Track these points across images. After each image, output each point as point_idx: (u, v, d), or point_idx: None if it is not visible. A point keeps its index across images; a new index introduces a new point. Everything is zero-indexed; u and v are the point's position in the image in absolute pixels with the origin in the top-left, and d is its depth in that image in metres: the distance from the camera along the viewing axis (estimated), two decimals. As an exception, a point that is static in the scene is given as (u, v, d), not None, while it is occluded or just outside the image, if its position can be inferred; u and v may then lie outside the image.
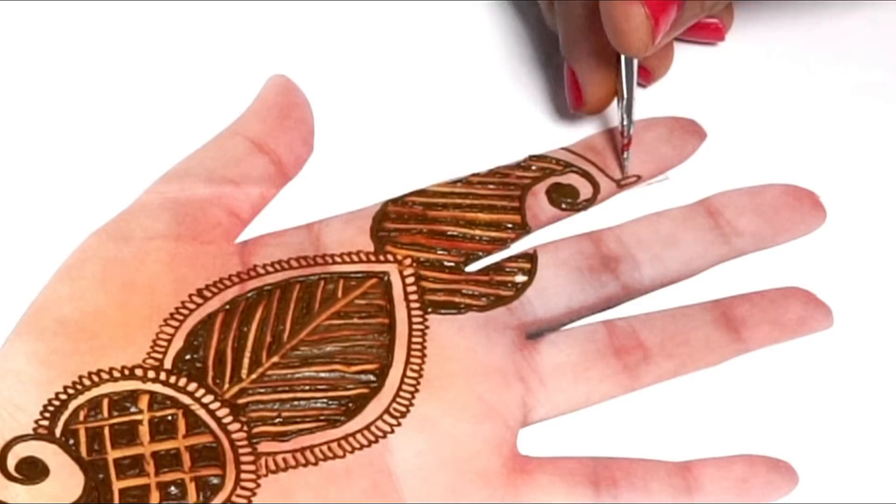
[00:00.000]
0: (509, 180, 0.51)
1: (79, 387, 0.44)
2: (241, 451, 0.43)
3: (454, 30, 0.55)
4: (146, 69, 0.53)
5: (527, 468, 0.44)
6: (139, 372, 0.45)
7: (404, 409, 0.45)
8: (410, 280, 0.48)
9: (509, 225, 0.49)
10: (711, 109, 0.53)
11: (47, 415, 0.43)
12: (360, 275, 0.48)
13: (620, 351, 0.46)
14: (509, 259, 0.49)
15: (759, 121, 0.53)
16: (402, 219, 0.49)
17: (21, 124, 0.52)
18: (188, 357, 0.45)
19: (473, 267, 0.49)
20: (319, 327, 0.46)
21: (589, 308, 0.48)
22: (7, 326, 0.45)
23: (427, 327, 0.47)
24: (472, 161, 0.51)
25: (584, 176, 0.51)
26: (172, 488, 0.43)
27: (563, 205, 0.50)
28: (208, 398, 0.44)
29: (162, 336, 0.45)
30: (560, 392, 0.46)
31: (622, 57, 0.49)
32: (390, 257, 0.48)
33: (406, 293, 0.47)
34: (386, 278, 0.48)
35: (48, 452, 0.43)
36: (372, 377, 0.45)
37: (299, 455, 0.44)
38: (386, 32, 0.55)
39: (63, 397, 0.44)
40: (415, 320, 0.47)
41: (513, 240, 0.49)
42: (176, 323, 0.46)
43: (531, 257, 0.49)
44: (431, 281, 0.48)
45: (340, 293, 0.47)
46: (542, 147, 0.51)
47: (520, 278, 0.48)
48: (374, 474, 0.43)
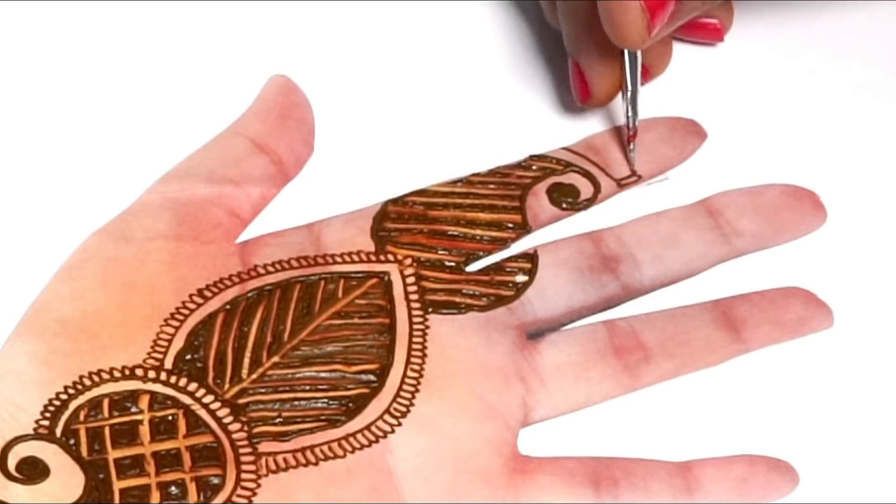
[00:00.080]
0: (510, 180, 0.50)
1: (79, 387, 0.44)
2: (242, 451, 0.43)
3: (454, 30, 0.55)
4: (146, 69, 0.53)
5: (527, 468, 0.44)
6: (140, 372, 0.45)
7: (405, 409, 0.45)
8: (411, 280, 0.48)
9: (510, 225, 0.49)
10: (712, 109, 0.53)
11: (48, 415, 0.43)
12: (361, 275, 0.48)
13: (621, 351, 0.46)
14: (510, 259, 0.49)
15: (760, 121, 0.53)
16: (403, 219, 0.49)
17: (21, 124, 0.52)
18: (189, 357, 0.45)
19: (474, 267, 0.49)
20: (320, 327, 0.46)
21: (589, 308, 0.48)
22: (8, 326, 0.45)
23: (428, 327, 0.47)
24: (473, 161, 0.51)
25: (585, 175, 0.51)
26: (173, 488, 0.43)
27: (564, 204, 0.50)
28: (209, 398, 0.44)
29: (162, 336, 0.45)
30: (560, 392, 0.46)
31: (626, 51, 0.49)
32: (391, 257, 0.48)
33: (406, 293, 0.47)
34: (386, 278, 0.48)
35: (49, 452, 0.43)
36: (372, 377, 0.45)
37: (300, 455, 0.44)
38: (386, 32, 0.55)
39: (63, 397, 0.44)
40: (415, 320, 0.47)
41: (513, 239, 0.49)
42: (176, 323, 0.46)
43: (532, 257, 0.49)
44: (432, 281, 0.48)
45: (341, 293, 0.47)
46: (543, 146, 0.51)
47: (520, 278, 0.48)
48: (375, 474, 0.43)
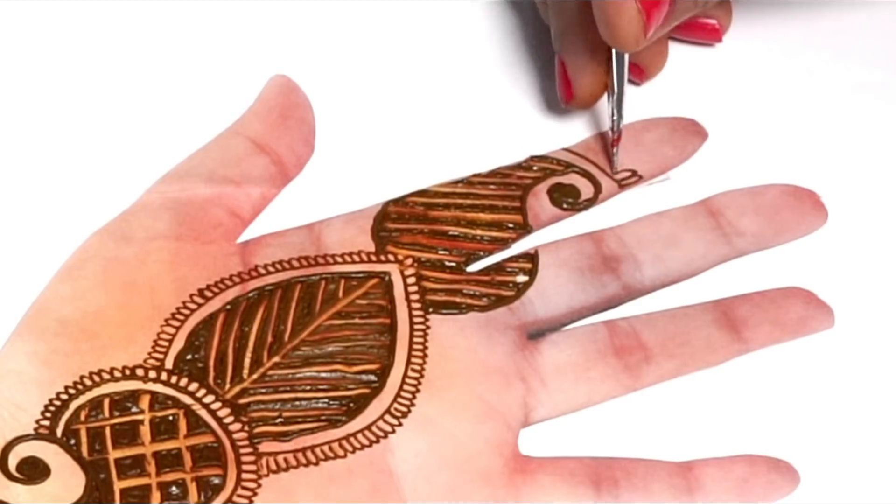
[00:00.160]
0: (510, 180, 0.50)
1: (80, 387, 0.44)
2: (243, 451, 0.43)
3: (455, 30, 0.55)
4: (147, 69, 0.53)
5: (528, 468, 0.44)
6: (140, 372, 0.45)
7: (405, 409, 0.45)
8: (411, 280, 0.48)
9: (510, 225, 0.49)
10: (712, 110, 0.53)
11: (48, 415, 0.43)
12: (362, 275, 0.48)
13: (621, 351, 0.46)
14: (510, 259, 0.49)
15: (760, 121, 0.53)
16: (403, 219, 0.49)
17: (21, 124, 0.52)
18: (189, 357, 0.45)
19: (474, 267, 0.49)
20: (320, 327, 0.46)
21: (590, 308, 0.48)
22: (8, 326, 0.45)
23: (428, 327, 0.47)
24: (473, 161, 0.51)
25: (586, 176, 0.51)
26: (173, 488, 0.43)
27: (565, 205, 0.50)
28: (209, 398, 0.44)
29: (163, 336, 0.45)
30: (561, 392, 0.46)
31: (613, 52, 0.49)
32: (391, 257, 0.48)
33: (407, 293, 0.47)
34: (387, 278, 0.48)
35: (49, 452, 0.43)
36: (373, 377, 0.45)
37: (300, 455, 0.44)
38: (387, 32, 0.55)
39: (64, 397, 0.44)
40: (416, 320, 0.47)
41: (514, 240, 0.49)
42: (177, 323, 0.46)
43: (532, 257, 0.49)
44: (432, 281, 0.48)
45: (342, 293, 0.47)
46: (544, 147, 0.51)
47: (521, 278, 0.48)
48: (376, 474, 0.43)
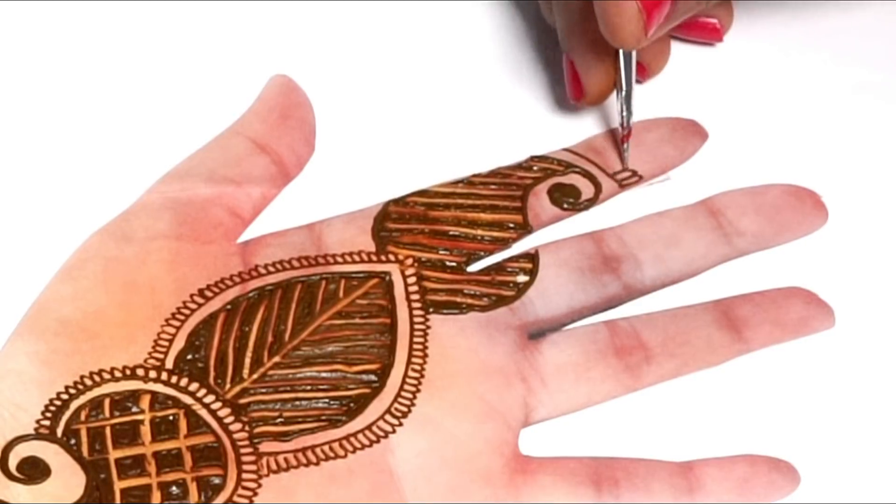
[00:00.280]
0: (511, 181, 0.50)
1: (80, 387, 0.44)
2: (243, 451, 0.43)
3: (455, 30, 0.55)
4: (147, 69, 0.53)
5: (528, 468, 0.44)
6: (140, 372, 0.45)
7: (406, 409, 0.45)
8: (412, 280, 0.48)
9: (511, 225, 0.49)
10: (713, 110, 0.53)
11: (49, 415, 0.43)
12: (362, 275, 0.48)
13: (622, 351, 0.46)
14: (511, 259, 0.49)
15: (761, 121, 0.53)
16: (404, 219, 0.49)
17: (21, 124, 0.52)
18: (190, 357, 0.45)
19: (475, 267, 0.48)
20: (321, 327, 0.46)
21: (590, 308, 0.48)
22: (8, 326, 0.45)
23: (429, 327, 0.47)
24: (474, 161, 0.51)
25: (586, 176, 0.51)
26: (174, 488, 0.43)
27: (565, 205, 0.50)
28: (210, 398, 0.44)
29: (163, 336, 0.45)
30: (561, 392, 0.46)
31: (620, 49, 0.49)
32: (392, 257, 0.48)
33: (408, 293, 0.47)
34: (387, 278, 0.48)
35: (49, 452, 0.43)
36: (373, 377, 0.45)
37: (301, 455, 0.44)
38: (387, 32, 0.55)
39: (64, 397, 0.44)
40: (416, 320, 0.47)
41: (514, 240, 0.49)
42: (177, 323, 0.46)
43: (533, 257, 0.49)
44: (433, 281, 0.48)
45: (342, 293, 0.47)
46: (544, 147, 0.51)
47: (521, 278, 0.48)
48: (376, 474, 0.43)
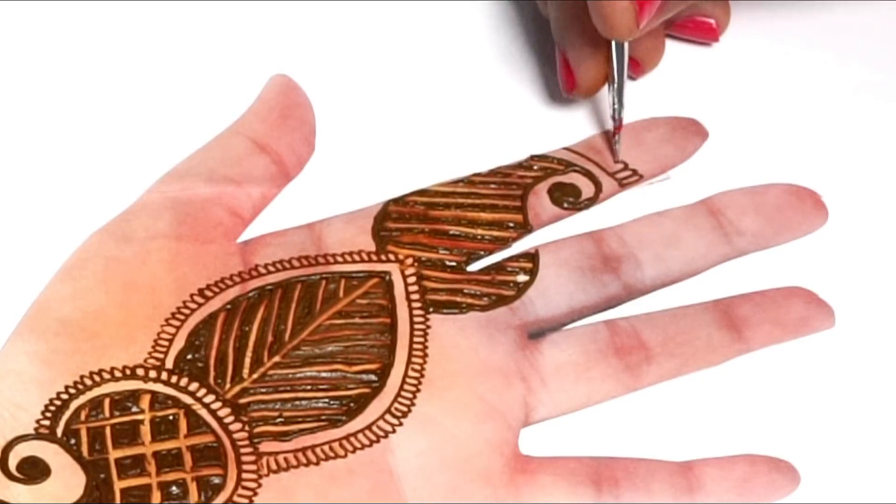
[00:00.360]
0: (511, 180, 0.50)
1: (80, 386, 0.44)
2: (243, 451, 0.43)
3: (455, 30, 0.55)
4: (147, 69, 0.53)
5: (528, 468, 0.44)
6: (140, 372, 0.45)
7: (406, 409, 0.45)
8: (412, 279, 0.48)
9: (511, 224, 0.49)
10: (713, 109, 0.53)
11: (49, 414, 0.43)
12: (362, 274, 0.48)
13: (622, 351, 0.46)
14: (511, 258, 0.49)
15: (761, 121, 0.53)
16: (404, 218, 0.49)
17: (21, 124, 0.52)
18: (189, 357, 0.45)
19: (475, 266, 0.48)
20: (321, 327, 0.46)
21: (591, 308, 0.48)
22: (8, 326, 0.45)
23: (429, 327, 0.47)
24: (474, 160, 0.51)
25: (586, 175, 0.51)
26: (174, 488, 0.43)
27: (565, 204, 0.50)
28: (210, 398, 0.44)
29: (163, 336, 0.45)
30: (562, 392, 0.46)
31: (613, 42, 0.49)
32: (392, 257, 0.48)
33: (408, 293, 0.47)
34: (387, 278, 0.48)
35: (49, 452, 0.43)
36: (373, 377, 0.45)
37: (301, 455, 0.44)
38: (387, 32, 0.55)
39: (64, 397, 0.44)
40: (416, 320, 0.47)
41: (514, 239, 0.49)
42: (177, 322, 0.46)
43: (533, 257, 0.49)
44: (433, 280, 0.48)
45: (342, 293, 0.47)
46: (545, 145, 0.51)
47: (521, 278, 0.48)
48: (376, 474, 0.43)
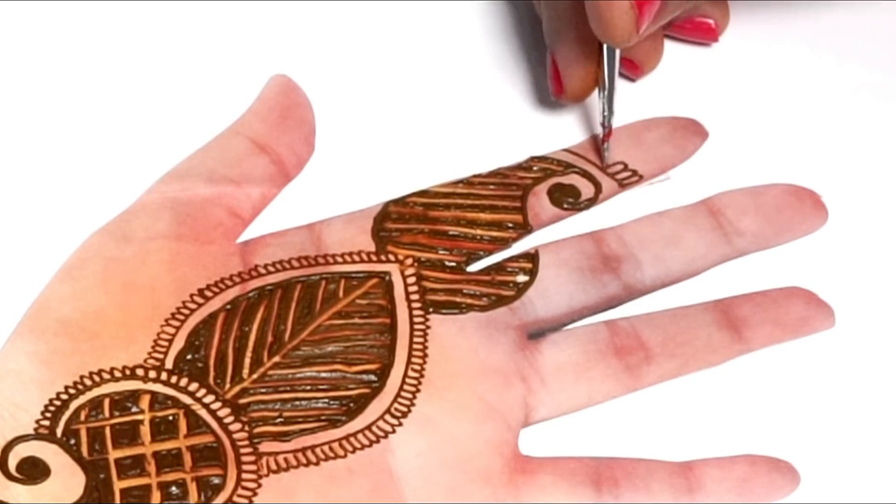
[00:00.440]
0: (510, 180, 0.50)
1: (80, 387, 0.44)
2: (243, 451, 0.43)
3: (456, 30, 0.55)
4: (147, 69, 0.53)
5: (528, 468, 0.44)
6: (140, 372, 0.45)
7: (405, 409, 0.45)
8: (412, 280, 0.48)
9: (511, 224, 0.49)
10: (713, 109, 0.53)
11: (48, 415, 0.43)
12: (362, 275, 0.48)
13: (622, 351, 0.46)
14: (511, 259, 0.49)
15: (761, 121, 0.53)
16: (404, 219, 0.49)
17: (21, 124, 0.52)
18: (189, 357, 0.45)
19: (475, 267, 0.48)
20: (321, 327, 0.46)
21: (590, 308, 0.48)
22: (8, 326, 0.45)
23: (428, 327, 0.47)
24: (473, 161, 0.51)
25: (586, 176, 0.51)
26: (174, 488, 0.43)
27: (565, 204, 0.50)
28: (209, 398, 0.44)
29: (163, 336, 0.45)
30: (561, 392, 0.46)
31: (604, 47, 0.49)
32: (391, 257, 0.48)
33: (407, 293, 0.47)
34: (387, 278, 0.48)
35: (49, 452, 0.43)
36: (373, 377, 0.45)
37: (300, 455, 0.44)
38: (387, 32, 0.55)
39: (64, 397, 0.44)
40: (416, 320, 0.47)
41: (514, 239, 0.49)
42: (177, 323, 0.46)
43: (533, 257, 0.49)
44: (433, 281, 0.48)
45: (342, 293, 0.47)
46: (544, 147, 0.51)
47: (521, 278, 0.48)
48: (376, 474, 0.43)
